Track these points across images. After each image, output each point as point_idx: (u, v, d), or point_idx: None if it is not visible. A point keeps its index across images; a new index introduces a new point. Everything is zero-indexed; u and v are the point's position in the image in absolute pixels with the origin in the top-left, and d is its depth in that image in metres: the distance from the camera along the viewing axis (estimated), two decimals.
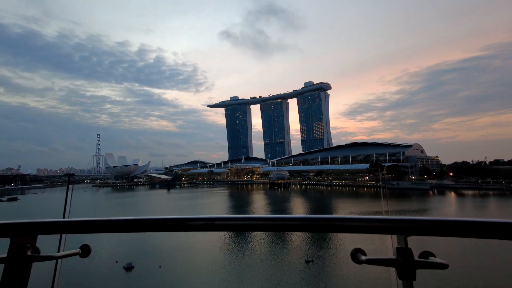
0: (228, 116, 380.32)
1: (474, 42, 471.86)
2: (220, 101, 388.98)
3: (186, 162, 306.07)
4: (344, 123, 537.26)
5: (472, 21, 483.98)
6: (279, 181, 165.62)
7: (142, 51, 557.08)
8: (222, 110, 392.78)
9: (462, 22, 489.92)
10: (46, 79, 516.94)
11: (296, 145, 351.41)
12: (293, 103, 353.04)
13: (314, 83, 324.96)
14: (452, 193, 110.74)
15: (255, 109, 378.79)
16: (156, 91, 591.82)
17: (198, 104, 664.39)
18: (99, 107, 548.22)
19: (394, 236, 1.54)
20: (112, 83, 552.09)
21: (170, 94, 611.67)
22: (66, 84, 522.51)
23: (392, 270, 1.49)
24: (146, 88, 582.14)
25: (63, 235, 1.95)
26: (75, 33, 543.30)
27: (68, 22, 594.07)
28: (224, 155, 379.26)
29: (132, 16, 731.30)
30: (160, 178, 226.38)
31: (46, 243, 2.05)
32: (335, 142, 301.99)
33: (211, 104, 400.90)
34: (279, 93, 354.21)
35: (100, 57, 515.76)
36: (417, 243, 1.70)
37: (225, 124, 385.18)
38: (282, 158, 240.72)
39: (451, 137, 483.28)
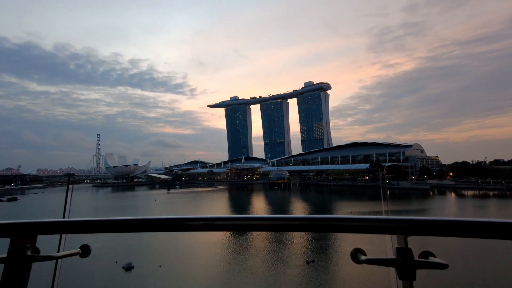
0: (228, 116, 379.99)
1: (443, 50, 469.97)
2: (220, 101, 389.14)
3: (186, 162, 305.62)
4: (337, 124, 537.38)
5: (437, 29, 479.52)
6: (279, 181, 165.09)
7: (135, 61, 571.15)
8: (221, 111, 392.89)
9: (430, 31, 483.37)
10: (41, 84, 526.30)
11: (296, 145, 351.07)
12: (293, 103, 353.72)
13: (314, 83, 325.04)
14: (452, 193, 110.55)
15: (255, 109, 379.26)
16: (151, 94, 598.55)
17: (197, 105, 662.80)
18: (95, 109, 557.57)
19: (394, 236, 1.54)
20: (107, 87, 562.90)
21: (166, 97, 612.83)
22: (60, 88, 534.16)
23: (392, 270, 1.48)
24: (140, 91, 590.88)
25: (63, 235, 1.94)
26: (71, 43, 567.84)
27: (64, 35, 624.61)
28: (224, 155, 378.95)
29: (125, 28, 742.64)
30: (160, 178, 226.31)
31: (46, 243, 2.04)
32: (333, 142, 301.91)
33: (211, 104, 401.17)
34: (279, 93, 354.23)
35: (94, 65, 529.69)
36: (417, 243, 1.70)
37: (224, 124, 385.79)
38: (282, 158, 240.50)
39: (444, 138, 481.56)
